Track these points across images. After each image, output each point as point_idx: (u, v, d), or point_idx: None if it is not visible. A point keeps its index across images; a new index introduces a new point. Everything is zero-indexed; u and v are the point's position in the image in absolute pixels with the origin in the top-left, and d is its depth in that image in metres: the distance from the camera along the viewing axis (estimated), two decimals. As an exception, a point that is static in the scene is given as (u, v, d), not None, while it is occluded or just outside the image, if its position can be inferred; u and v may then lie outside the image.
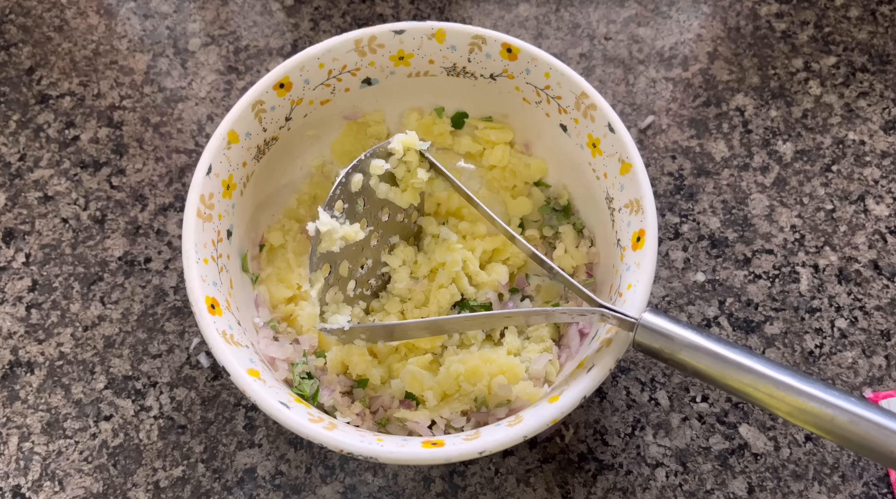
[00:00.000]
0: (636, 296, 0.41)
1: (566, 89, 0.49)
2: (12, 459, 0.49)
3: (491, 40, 0.49)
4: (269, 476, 0.49)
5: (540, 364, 0.47)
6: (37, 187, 0.59)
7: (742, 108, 0.62)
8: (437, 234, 0.51)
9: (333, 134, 0.55)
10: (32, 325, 0.54)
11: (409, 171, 0.48)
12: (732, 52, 0.65)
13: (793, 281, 0.55)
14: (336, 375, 0.48)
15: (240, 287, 0.48)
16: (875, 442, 0.32)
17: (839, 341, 0.53)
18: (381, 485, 0.48)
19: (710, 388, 0.51)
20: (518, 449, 0.49)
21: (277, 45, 0.66)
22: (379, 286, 0.51)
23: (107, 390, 0.51)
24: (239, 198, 0.48)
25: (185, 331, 0.53)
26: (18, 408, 0.51)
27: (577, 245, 0.52)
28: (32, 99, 0.64)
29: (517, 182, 0.54)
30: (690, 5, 0.68)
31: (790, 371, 0.35)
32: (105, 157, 0.61)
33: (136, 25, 0.68)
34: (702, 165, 0.60)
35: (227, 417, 0.50)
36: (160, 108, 0.63)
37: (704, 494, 0.48)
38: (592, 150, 0.48)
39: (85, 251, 0.57)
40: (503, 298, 0.51)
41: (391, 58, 0.51)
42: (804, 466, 0.49)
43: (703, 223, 0.57)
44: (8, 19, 0.68)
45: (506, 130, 0.54)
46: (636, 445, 0.49)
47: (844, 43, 0.66)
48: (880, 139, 0.61)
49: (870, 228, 0.57)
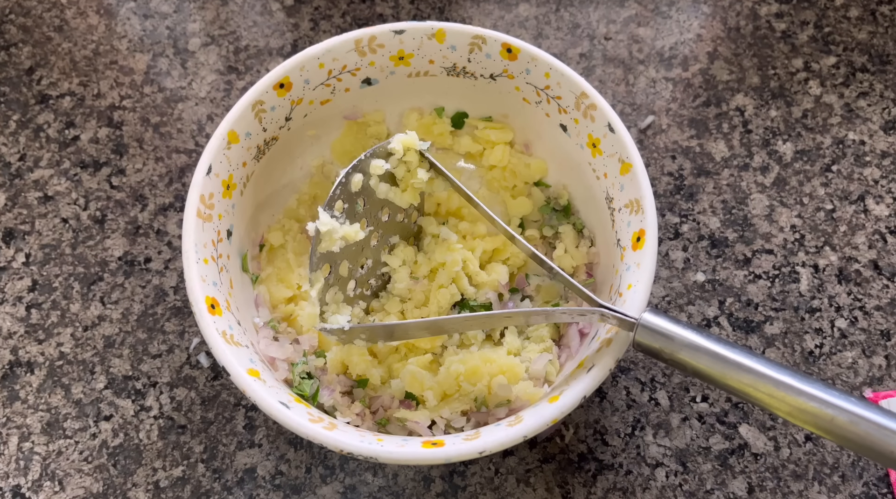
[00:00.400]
0: (636, 296, 0.41)
1: (566, 89, 0.49)
2: (12, 459, 0.49)
3: (491, 40, 0.49)
4: (269, 476, 0.49)
5: (540, 364, 0.47)
6: (37, 187, 0.59)
7: (742, 108, 0.62)
8: (437, 234, 0.51)
9: (333, 134, 0.55)
10: (32, 325, 0.54)
11: (409, 171, 0.48)
12: (732, 52, 0.65)
13: (793, 281, 0.55)
14: (336, 375, 0.48)
15: (240, 287, 0.48)
16: (875, 442, 0.32)
17: (839, 341, 0.53)
18: (381, 485, 0.48)
19: (710, 388, 0.51)
20: (518, 449, 0.49)
21: (277, 45, 0.66)
22: (379, 286, 0.51)
23: (107, 389, 0.51)
24: (239, 198, 0.48)
25: (185, 331, 0.53)
26: (18, 408, 0.51)
27: (577, 245, 0.52)
28: (32, 99, 0.64)
29: (517, 182, 0.54)
30: (690, 5, 0.68)
31: (790, 371, 0.35)
32: (105, 157, 0.61)
33: (136, 25, 0.68)
34: (702, 165, 0.60)
35: (227, 417, 0.50)
36: (160, 108, 0.63)
37: (704, 494, 0.48)
38: (592, 150, 0.49)
39: (85, 251, 0.57)
40: (503, 298, 0.51)
41: (391, 58, 0.51)
42: (804, 466, 0.49)
43: (703, 223, 0.57)
44: (8, 19, 0.68)
45: (506, 130, 0.54)
46: (636, 445, 0.49)
47: (844, 43, 0.66)
48: (880, 139, 0.61)
49: (870, 228, 0.57)
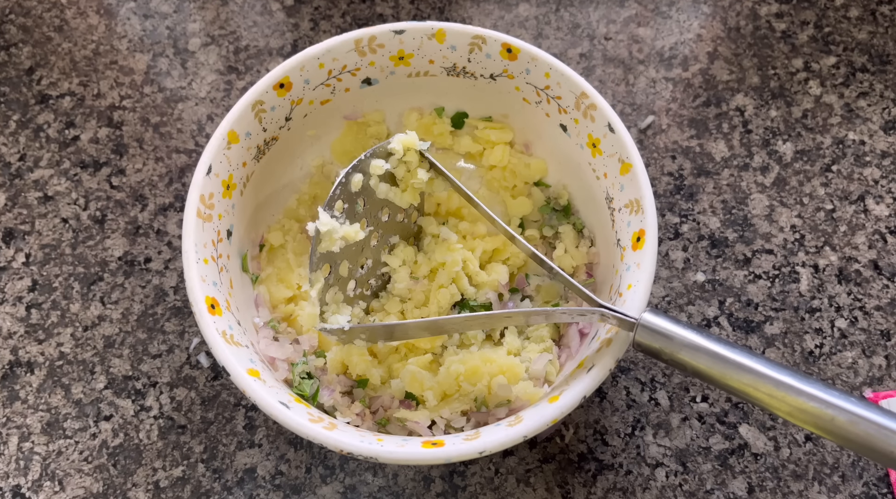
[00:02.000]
0: (636, 296, 0.41)
1: (566, 89, 0.49)
2: (12, 459, 0.49)
3: (491, 40, 0.49)
4: (269, 476, 0.49)
5: (540, 364, 0.47)
6: (37, 187, 0.59)
7: (742, 108, 0.62)
8: (437, 234, 0.51)
9: (333, 134, 0.55)
10: (32, 325, 0.54)
11: (409, 171, 0.48)
12: (732, 52, 0.65)
13: (793, 281, 0.55)
14: (336, 375, 0.48)
15: (240, 287, 0.48)
16: (875, 442, 0.32)
17: (839, 341, 0.53)
18: (381, 485, 0.48)
19: (710, 388, 0.51)
20: (518, 449, 0.49)
21: (277, 45, 0.66)
22: (379, 286, 0.51)
23: (107, 390, 0.51)
24: (239, 198, 0.48)
25: (185, 331, 0.53)
26: (18, 408, 0.51)
27: (577, 245, 0.52)
28: (32, 99, 0.64)
29: (517, 182, 0.54)
30: (690, 5, 0.68)
31: (790, 371, 0.35)
32: (105, 157, 0.61)
33: (136, 25, 0.68)
34: (702, 165, 0.60)
35: (227, 417, 0.50)
36: (160, 108, 0.63)
37: (704, 494, 0.48)
38: (592, 150, 0.48)
39: (85, 251, 0.57)
40: (503, 298, 0.51)
41: (391, 58, 0.51)
42: (804, 466, 0.49)
43: (703, 223, 0.57)
44: (8, 19, 0.68)
45: (506, 130, 0.54)
46: (636, 445, 0.49)
47: (844, 43, 0.66)
48: (880, 139, 0.61)
49: (870, 228, 0.57)
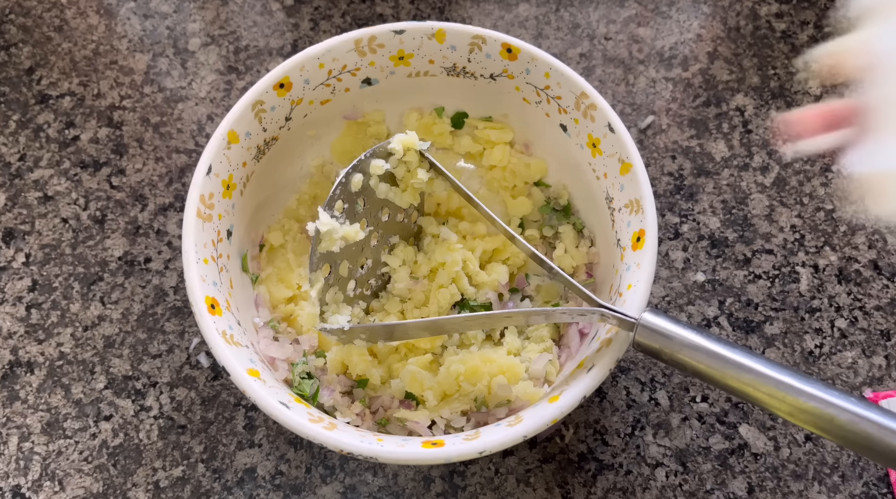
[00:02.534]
0: (636, 296, 0.41)
1: (566, 89, 0.49)
2: (12, 459, 0.49)
3: (491, 40, 0.49)
4: (269, 476, 0.49)
5: (540, 364, 0.47)
6: (37, 187, 0.59)
7: (742, 108, 0.62)
8: (437, 234, 0.51)
9: (333, 134, 0.55)
10: (32, 325, 0.54)
11: (409, 171, 0.48)
12: (732, 52, 0.65)
13: (793, 281, 0.55)
14: (336, 375, 0.48)
15: (240, 287, 0.48)
16: (875, 442, 0.32)
17: (839, 341, 0.53)
18: (381, 485, 0.48)
19: (710, 388, 0.51)
20: (518, 449, 0.49)
21: (277, 45, 0.66)
22: (379, 286, 0.51)
23: (107, 390, 0.51)
24: (239, 198, 0.48)
25: (185, 331, 0.53)
26: (18, 408, 0.51)
27: (577, 245, 0.52)
28: (32, 99, 0.64)
29: (517, 182, 0.54)
30: (690, 5, 0.68)
31: (790, 371, 0.35)
32: (105, 157, 0.61)
33: (136, 25, 0.68)
34: (702, 165, 0.60)
35: (227, 417, 0.50)
36: (160, 108, 0.63)
37: (704, 494, 0.48)
38: (592, 150, 0.49)
39: (85, 251, 0.57)
40: (503, 298, 0.51)
41: (391, 58, 0.51)
42: (804, 466, 0.49)
43: (703, 223, 0.57)
44: (8, 19, 0.68)
45: (506, 130, 0.54)
46: (636, 445, 0.49)
47: (844, 43, 0.66)
48: (880, 139, 0.61)
49: (870, 227, 0.57)
